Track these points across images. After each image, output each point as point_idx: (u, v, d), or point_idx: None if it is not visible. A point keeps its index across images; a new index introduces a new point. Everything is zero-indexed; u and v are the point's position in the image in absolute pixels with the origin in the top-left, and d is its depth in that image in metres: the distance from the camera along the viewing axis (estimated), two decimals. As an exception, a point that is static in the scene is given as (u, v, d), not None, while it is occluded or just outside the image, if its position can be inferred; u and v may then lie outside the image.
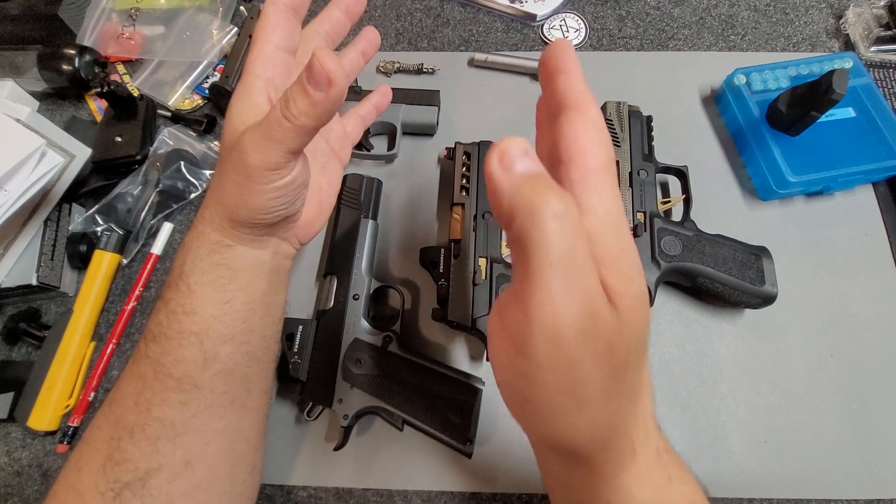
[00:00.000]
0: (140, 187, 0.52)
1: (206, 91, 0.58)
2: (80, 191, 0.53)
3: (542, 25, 0.61)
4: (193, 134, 0.56)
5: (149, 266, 0.50)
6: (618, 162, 0.50)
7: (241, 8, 0.63)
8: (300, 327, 0.44)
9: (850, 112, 0.51)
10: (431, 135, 0.56)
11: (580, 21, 0.61)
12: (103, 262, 0.49)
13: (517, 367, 0.20)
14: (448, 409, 0.41)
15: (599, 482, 0.23)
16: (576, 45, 0.60)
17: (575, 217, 0.18)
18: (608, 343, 0.19)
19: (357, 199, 0.49)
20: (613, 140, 0.50)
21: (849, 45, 0.58)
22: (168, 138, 0.55)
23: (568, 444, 0.21)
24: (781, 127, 0.50)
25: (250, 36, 0.57)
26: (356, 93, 0.53)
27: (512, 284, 0.20)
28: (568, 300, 0.18)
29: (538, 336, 0.18)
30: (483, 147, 0.50)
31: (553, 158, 0.22)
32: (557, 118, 0.22)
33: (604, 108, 0.53)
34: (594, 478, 0.23)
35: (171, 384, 0.31)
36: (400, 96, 0.53)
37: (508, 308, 0.20)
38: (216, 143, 0.57)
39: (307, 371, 0.43)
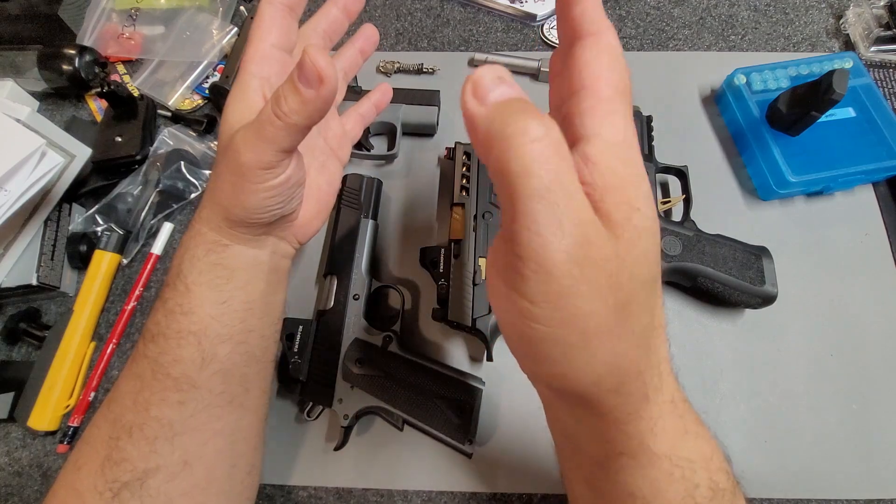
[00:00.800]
0: (140, 187, 0.52)
1: (206, 91, 0.58)
2: (80, 191, 0.53)
3: (542, 25, 0.61)
4: (193, 134, 0.56)
5: (149, 266, 0.50)
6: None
7: (241, 8, 0.63)
8: (300, 327, 0.44)
9: (850, 112, 0.51)
10: (431, 135, 0.56)
11: (580, 21, 0.61)
12: (103, 262, 0.49)
13: (513, 304, 0.19)
14: (448, 409, 0.41)
15: (609, 430, 0.21)
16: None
17: (558, 141, 0.17)
18: (608, 274, 0.18)
19: (357, 199, 0.49)
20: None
21: (849, 45, 0.58)
22: (168, 138, 0.55)
23: (573, 384, 0.20)
24: (781, 127, 0.50)
25: (250, 36, 0.57)
26: (355, 92, 0.53)
27: (501, 222, 0.19)
28: (555, 230, 0.16)
29: (527, 269, 0.17)
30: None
31: (566, 101, 0.21)
32: (572, 50, 0.21)
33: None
34: (603, 425, 0.21)
35: (169, 384, 0.31)
36: (400, 96, 0.53)
37: (499, 248, 0.19)
38: (216, 142, 0.56)
39: (307, 371, 0.43)
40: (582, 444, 0.24)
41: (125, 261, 0.51)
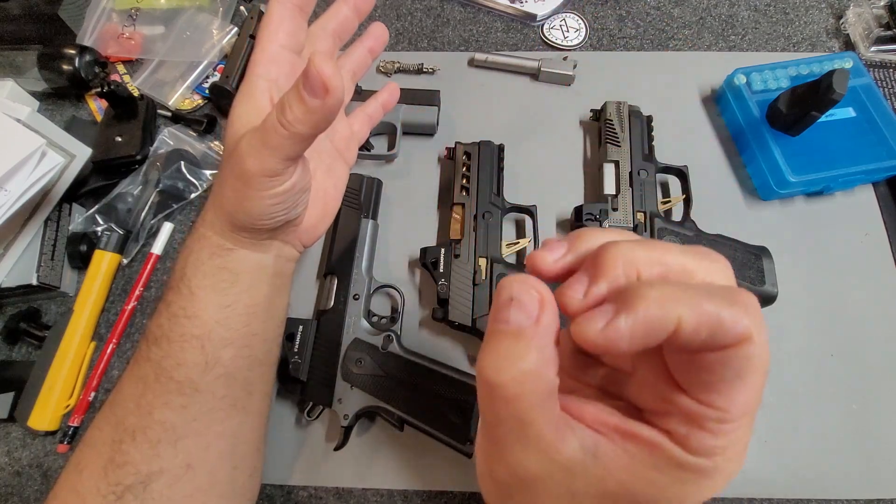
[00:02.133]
0: (140, 187, 0.52)
1: (207, 91, 0.58)
2: (81, 191, 0.53)
3: (542, 25, 0.61)
4: (193, 134, 0.56)
5: (149, 266, 0.50)
6: (618, 162, 0.50)
7: (242, 8, 0.63)
8: (300, 327, 0.44)
9: (850, 112, 0.52)
10: (432, 135, 0.56)
11: (580, 21, 0.61)
12: (103, 262, 0.49)
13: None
14: (448, 409, 0.41)
15: None
16: (576, 45, 0.60)
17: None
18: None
19: (357, 199, 0.49)
20: (613, 140, 0.51)
21: (849, 45, 0.58)
22: (168, 138, 0.55)
23: None
24: (781, 127, 0.50)
25: (250, 36, 0.57)
26: (357, 93, 0.53)
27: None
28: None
29: None
30: (483, 147, 0.50)
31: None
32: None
33: (604, 108, 0.53)
34: None
35: (172, 387, 0.31)
36: (400, 96, 0.53)
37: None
38: (216, 142, 0.57)
39: (307, 371, 0.43)
40: None
41: (125, 261, 0.51)
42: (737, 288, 0.15)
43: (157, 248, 0.51)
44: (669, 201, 0.51)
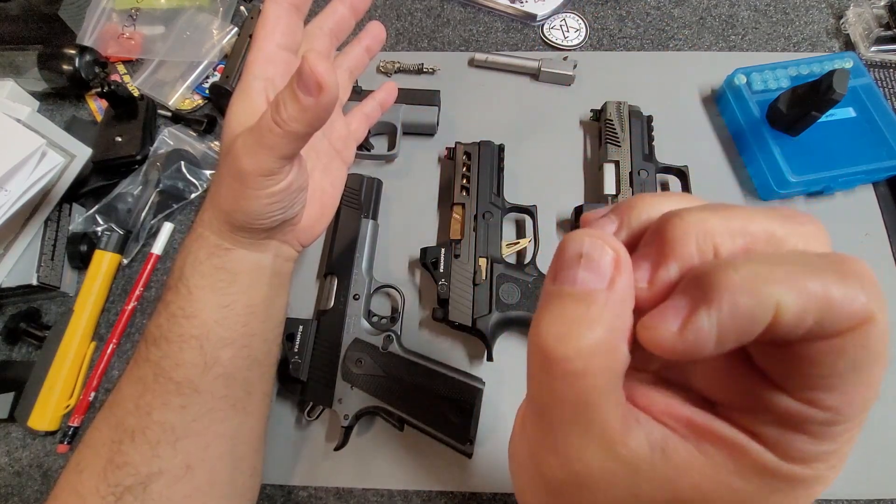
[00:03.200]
0: (140, 187, 0.52)
1: (207, 91, 0.58)
2: (81, 191, 0.53)
3: (543, 25, 0.61)
4: (194, 134, 0.56)
5: (149, 266, 0.50)
6: (618, 162, 0.50)
7: (242, 8, 0.63)
8: (300, 327, 0.44)
9: (850, 112, 0.51)
10: (432, 135, 0.56)
11: (580, 21, 0.61)
12: (103, 262, 0.49)
13: None
14: (448, 409, 0.41)
15: None
16: (576, 45, 0.60)
17: None
18: None
19: (357, 199, 0.49)
20: (613, 140, 0.51)
21: (849, 45, 0.58)
22: (168, 138, 0.55)
23: None
24: (782, 127, 0.50)
25: (250, 36, 0.56)
26: (357, 93, 0.53)
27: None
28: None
29: None
30: (483, 147, 0.50)
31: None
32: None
33: (604, 108, 0.53)
34: None
35: (171, 388, 0.31)
36: (400, 96, 0.52)
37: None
38: (216, 143, 0.57)
39: (307, 371, 0.43)
40: None
41: (125, 261, 0.51)
42: (844, 256, 0.12)
43: (158, 248, 0.51)
44: (669, 201, 0.51)
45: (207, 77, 0.59)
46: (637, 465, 0.13)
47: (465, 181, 0.49)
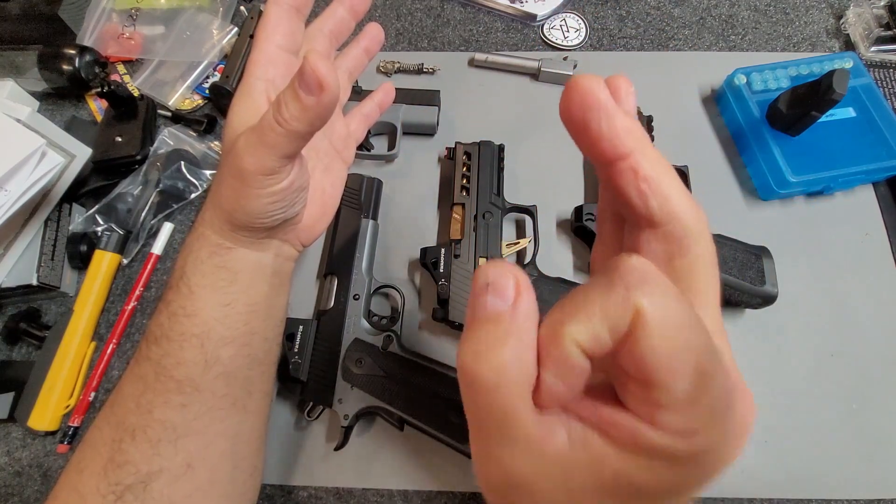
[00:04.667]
0: (140, 187, 0.52)
1: (207, 91, 0.58)
2: (81, 191, 0.53)
3: (543, 25, 0.61)
4: (194, 134, 0.56)
5: (149, 266, 0.50)
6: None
7: (242, 8, 0.63)
8: (300, 327, 0.44)
9: (850, 112, 0.51)
10: (432, 135, 0.56)
11: (580, 21, 0.61)
12: (103, 262, 0.49)
13: None
14: (448, 409, 0.41)
15: None
16: (576, 45, 0.60)
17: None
18: None
19: (357, 199, 0.49)
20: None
21: (849, 45, 0.58)
22: (168, 138, 0.55)
23: None
24: (782, 127, 0.50)
25: (250, 36, 0.57)
26: (357, 93, 0.53)
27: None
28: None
29: None
30: (483, 147, 0.50)
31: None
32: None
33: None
34: None
35: (172, 386, 0.31)
36: (400, 96, 0.53)
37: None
38: (216, 143, 0.57)
39: (307, 371, 0.43)
40: None
41: (125, 261, 0.51)
42: (615, 263, 0.14)
43: (158, 248, 0.51)
44: (669, 201, 0.51)
45: (207, 77, 0.59)
46: (562, 461, 0.15)
47: (465, 181, 0.49)
